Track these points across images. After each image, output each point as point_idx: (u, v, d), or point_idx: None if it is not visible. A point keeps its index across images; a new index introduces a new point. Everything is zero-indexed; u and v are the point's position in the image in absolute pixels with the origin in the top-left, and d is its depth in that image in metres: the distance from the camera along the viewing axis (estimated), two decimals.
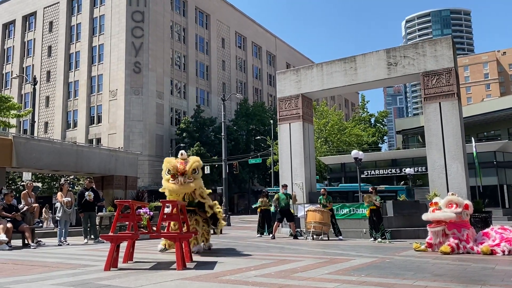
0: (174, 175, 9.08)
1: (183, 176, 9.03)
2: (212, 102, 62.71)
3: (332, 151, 46.89)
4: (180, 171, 9.03)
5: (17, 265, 7.72)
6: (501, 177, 35.45)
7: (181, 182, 8.95)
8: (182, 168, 9.05)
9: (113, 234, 7.59)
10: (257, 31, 74.93)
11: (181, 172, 9.04)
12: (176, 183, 8.99)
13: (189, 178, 9.06)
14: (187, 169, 9.07)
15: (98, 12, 57.07)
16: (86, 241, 13.09)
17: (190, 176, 9.08)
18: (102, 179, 22.23)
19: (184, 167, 9.08)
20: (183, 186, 8.99)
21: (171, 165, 9.13)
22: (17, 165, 18.31)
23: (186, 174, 9.05)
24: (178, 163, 9.19)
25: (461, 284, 5.66)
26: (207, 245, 9.94)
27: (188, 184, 9.02)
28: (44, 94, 59.66)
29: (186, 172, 9.05)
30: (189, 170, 9.08)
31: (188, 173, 9.07)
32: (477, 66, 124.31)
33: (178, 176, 9.01)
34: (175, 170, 9.06)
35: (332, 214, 14.58)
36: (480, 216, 13.86)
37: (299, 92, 18.79)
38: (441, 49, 15.77)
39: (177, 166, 9.09)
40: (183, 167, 9.07)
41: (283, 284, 5.58)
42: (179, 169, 9.04)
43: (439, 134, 15.24)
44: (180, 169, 9.04)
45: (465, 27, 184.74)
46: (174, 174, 9.08)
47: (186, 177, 9.04)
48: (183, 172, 9.03)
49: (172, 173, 9.11)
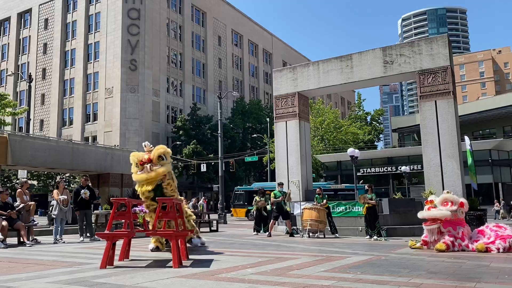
0: (140, 164, 8.77)
1: (150, 163, 8.69)
2: (209, 100, 62.63)
3: (328, 149, 46.96)
4: (144, 161, 8.74)
5: (13, 263, 7.69)
6: (496, 175, 35.65)
7: (147, 169, 8.62)
8: (147, 158, 8.74)
9: (109, 232, 7.57)
10: (253, 29, 74.84)
11: (147, 161, 8.73)
12: (144, 171, 8.66)
13: (155, 165, 8.70)
14: (151, 157, 8.75)
15: (93, 10, 56.83)
16: (82, 239, 13.07)
17: (156, 163, 8.72)
18: (98, 177, 22.18)
19: (149, 157, 8.76)
20: (150, 173, 8.61)
21: (136, 158, 8.88)
22: (13, 163, 18.24)
23: (152, 162, 8.71)
24: (143, 155, 8.89)
25: (456, 281, 5.69)
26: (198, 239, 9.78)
27: (156, 170, 8.65)
28: (39, 91, 59.39)
29: (152, 160, 8.73)
30: (154, 157, 8.74)
31: (154, 160, 8.72)
32: (472, 64, 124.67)
33: (145, 165, 8.68)
34: (139, 160, 8.80)
35: (328, 212, 14.62)
36: (475, 214, 13.95)
37: (295, 90, 18.80)
38: (437, 48, 15.82)
39: (142, 157, 8.80)
40: (148, 157, 8.76)
41: (279, 281, 5.59)
42: (143, 159, 8.75)
43: (435, 132, 15.30)
44: (144, 159, 8.75)
45: (461, 25, 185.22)
46: (140, 163, 8.78)
47: (152, 165, 8.69)
48: (149, 161, 8.71)
49: (138, 166, 8.81)
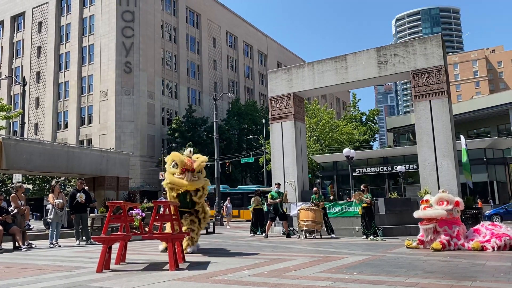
0: (182, 170, 9.07)
1: (191, 173, 9.05)
2: (204, 101, 62.57)
3: (324, 149, 47.02)
4: (187, 167, 9.02)
5: (8, 268, 7.64)
6: (491, 173, 35.82)
7: (190, 178, 8.96)
8: (190, 165, 9.06)
9: (105, 236, 7.54)
10: (248, 31, 74.87)
11: (189, 169, 9.05)
12: (183, 178, 8.98)
13: (194, 176, 9.11)
14: (195, 167, 9.12)
15: (87, 12, 56.66)
16: (78, 242, 13.01)
17: (195, 175, 9.15)
18: (94, 180, 22.07)
19: (192, 165, 9.09)
20: (189, 183, 8.99)
21: (179, 159, 9.13)
22: (7, 167, 18.10)
23: (194, 172, 9.11)
24: (185, 159, 9.19)
25: (453, 280, 5.71)
26: (196, 245, 9.94)
27: (195, 181, 9.09)
28: (34, 95, 59.12)
29: (194, 170, 9.11)
30: (197, 168, 9.15)
31: (196, 171, 9.16)
32: (466, 64, 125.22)
33: (187, 172, 8.98)
34: (183, 165, 9.06)
35: (324, 212, 14.64)
36: (470, 213, 14.01)
37: (290, 91, 18.82)
38: (431, 47, 15.89)
39: (186, 162, 9.08)
40: (191, 164, 9.10)
41: (276, 283, 5.59)
42: (187, 165, 9.02)
43: (430, 132, 15.36)
44: (188, 165, 9.03)
45: (454, 25, 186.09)
46: (182, 169, 9.07)
47: (193, 175, 9.09)
48: (192, 169, 9.05)
49: (179, 168, 9.10)
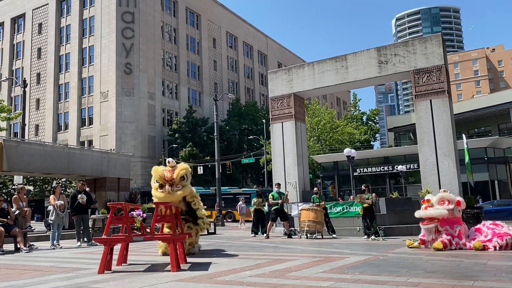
0: (161, 184, 8.93)
1: (171, 185, 8.87)
2: (204, 102, 62.57)
3: (325, 149, 46.98)
4: (167, 179, 8.89)
5: (10, 269, 7.65)
6: (492, 172, 35.79)
7: (168, 190, 8.81)
8: (170, 176, 8.90)
9: (106, 237, 7.55)
10: (248, 31, 74.87)
11: (168, 180, 8.88)
12: (163, 191, 8.84)
13: (176, 186, 8.91)
14: (174, 177, 8.90)
15: (87, 13, 56.68)
16: (79, 244, 13.02)
17: (178, 184, 8.93)
18: (95, 181, 22.07)
19: (171, 175, 8.91)
20: (170, 195, 8.81)
21: (158, 175, 8.99)
22: (8, 169, 18.11)
23: (173, 182, 8.89)
24: (165, 171, 9.02)
25: (454, 280, 5.71)
26: (197, 246, 9.96)
27: (175, 192, 8.87)
28: (34, 96, 59.15)
29: (174, 180, 8.89)
30: (176, 178, 8.92)
31: (176, 181, 8.91)
32: (466, 63, 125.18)
33: (165, 185, 8.87)
34: (162, 179, 8.92)
35: (325, 212, 14.63)
36: (472, 212, 13.99)
37: (291, 91, 18.81)
38: (431, 47, 15.88)
39: (164, 175, 8.95)
40: (171, 175, 8.91)
41: (277, 283, 5.59)
42: (166, 178, 8.89)
43: (431, 131, 15.35)
44: (167, 177, 8.89)
45: (454, 24, 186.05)
46: (161, 183, 8.93)
47: (174, 186, 8.90)
48: (171, 180, 8.88)
49: (159, 183, 8.96)
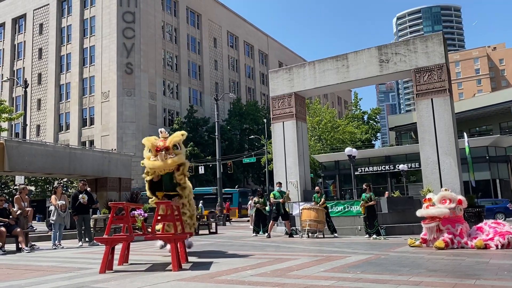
0: (156, 151, 8.46)
1: (166, 151, 8.39)
2: (205, 102, 62.56)
3: (326, 149, 46.96)
4: (160, 148, 8.41)
5: (11, 269, 7.66)
6: (494, 171, 35.74)
7: (162, 157, 8.32)
8: (162, 145, 8.41)
9: (107, 237, 7.55)
10: (249, 30, 74.85)
11: (161, 149, 8.40)
12: (156, 159, 8.36)
13: (170, 154, 8.41)
14: (167, 144, 8.42)
15: (88, 14, 56.71)
16: (81, 244, 13.04)
17: (171, 152, 8.44)
18: (96, 181, 22.10)
19: (164, 144, 8.44)
20: (164, 162, 8.33)
21: (150, 143, 8.55)
22: (9, 169, 18.15)
23: (168, 150, 8.42)
24: (158, 141, 8.59)
25: (456, 278, 5.70)
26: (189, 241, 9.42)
27: (171, 159, 8.37)
28: (35, 96, 59.21)
29: (168, 148, 8.41)
30: (170, 145, 8.43)
31: (170, 148, 8.43)
32: (468, 61, 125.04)
33: (160, 152, 8.37)
34: (154, 149, 8.47)
35: (326, 211, 14.61)
36: (473, 211, 13.97)
37: (291, 90, 18.80)
38: (432, 46, 15.86)
39: (157, 144, 8.49)
40: (163, 144, 8.44)
41: (279, 282, 5.59)
42: (159, 147, 8.43)
43: (432, 130, 15.33)
44: (159, 146, 8.42)
45: (455, 23, 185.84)
46: (155, 150, 8.47)
47: (167, 153, 8.39)
48: (164, 148, 8.40)
49: (152, 151, 8.51)
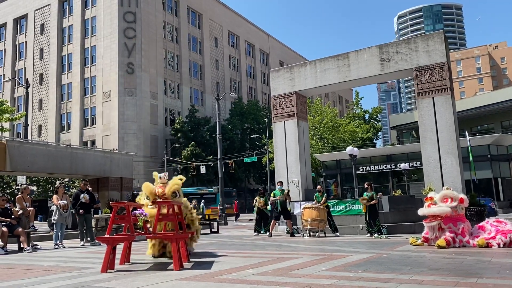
0: (153, 200, 8.48)
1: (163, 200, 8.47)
2: (206, 101, 62.61)
3: (327, 148, 46.93)
4: (158, 195, 8.51)
5: (13, 269, 7.67)
6: (495, 170, 35.65)
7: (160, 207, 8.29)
8: (161, 192, 8.52)
9: (109, 236, 7.55)
10: (249, 30, 74.84)
11: (160, 196, 8.49)
12: (155, 207, 8.27)
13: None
14: (166, 192, 8.52)
15: (89, 14, 56.77)
16: (83, 243, 13.06)
17: (170, 199, 8.46)
18: (97, 181, 22.14)
19: (163, 191, 8.54)
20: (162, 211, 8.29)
21: (148, 191, 8.65)
22: (11, 169, 18.20)
23: (165, 198, 8.46)
24: (157, 187, 8.68)
25: (458, 277, 5.69)
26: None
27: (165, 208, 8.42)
28: (37, 97, 59.32)
29: (166, 196, 8.48)
30: (168, 193, 8.52)
31: (168, 196, 8.48)
32: (469, 60, 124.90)
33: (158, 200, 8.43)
34: (153, 195, 8.54)
35: (328, 210, 14.60)
36: (475, 210, 13.94)
37: (293, 89, 18.79)
38: (434, 44, 15.83)
39: (155, 191, 8.60)
40: (162, 191, 8.55)
41: (280, 281, 5.58)
42: (157, 194, 8.52)
43: (433, 129, 15.31)
44: (158, 193, 8.52)
45: (456, 21, 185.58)
46: (153, 199, 8.49)
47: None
48: (162, 196, 8.49)
49: (151, 199, 8.56)
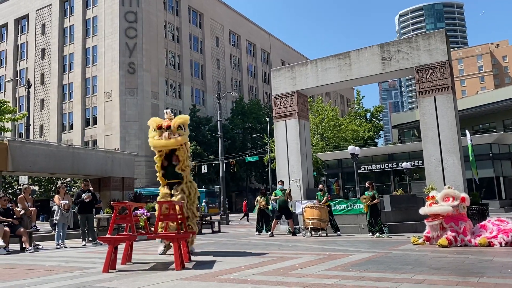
0: (158, 128, 8.94)
1: (168, 130, 8.86)
2: (208, 101, 62.62)
3: (329, 147, 46.91)
4: (164, 127, 8.87)
5: (15, 269, 7.69)
6: (497, 169, 35.57)
7: (165, 136, 8.80)
8: (166, 125, 8.89)
9: (110, 236, 7.57)
10: (251, 29, 74.81)
11: (166, 128, 8.87)
12: (160, 138, 8.84)
13: (173, 134, 8.87)
14: (172, 124, 8.90)
15: (90, 14, 56.78)
16: (84, 243, 13.08)
17: (175, 132, 8.89)
18: (99, 181, 22.16)
19: (169, 124, 8.93)
20: (167, 141, 8.80)
21: (155, 123, 9.01)
22: (13, 169, 18.23)
23: (171, 129, 8.86)
24: (163, 122, 9.06)
25: (459, 276, 5.68)
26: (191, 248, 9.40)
27: (175, 138, 8.83)
28: (38, 97, 59.39)
29: (171, 127, 8.86)
30: (174, 125, 8.90)
31: (173, 129, 8.87)
32: (471, 59, 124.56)
33: (163, 132, 8.85)
34: (158, 124, 8.94)
35: (329, 210, 14.60)
36: (477, 209, 13.92)
37: (294, 89, 18.78)
38: (435, 43, 15.80)
39: (162, 123, 8.96)
40: (168, 124, 8.92)
41: (282, 281, 5.58)
42: (163, 125, 8.89)
43: (435, 128, 15.28)
44: (164, 126, 8.89)
45: (458, 20, 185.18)
46: (157, 127, 8.93)
47: (171, 133, 8.86)
48: (168, 128, 8.86)
49: (156, 132, 8.96)
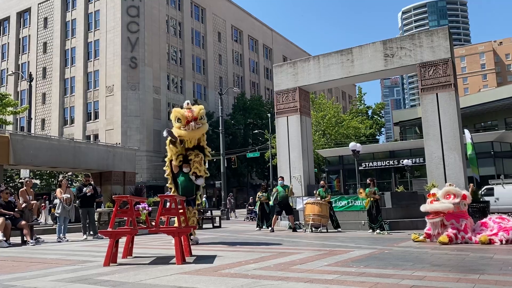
0: (187, 122, 9.79)
1: (195, 121, 9.80)
2: (209, 96, 62.56)
3: (330, 143, 46.89)
4: (190, 118, 9.77)
5: (16, 262, 7.72)
6: (499, 167, 35.55)
7: (193, 127, 9.77)
8: (191, 116, 9.80)
9: (112, 230, 7.58)
10: (253, 25, 74.62)
11: (192, 119, 9.78)
12: (188, 129, 9.76)
13: (198, 123, 9.88)
14: (196, 115, 9.85)
15: (93, 8, 56.69)
16: (85, 237, 13.11)
17: (199, 122, 9.91)
18: (100, 175, 22.17)
19: (193, 114, 9.83)
20: (194, 131, 9.81)
21: (180, 114, 9.88)
22: (15, 163, 18.24)
23: (197, 119, 9.85)
24: (185, 111, 9.92)
25: (460, 273, 5.68)
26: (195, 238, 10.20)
27: (198, 129, 9.90)
28: (40, 90, 59.40)
29: (196, 118, 9.83)
30: (198, 115, 9.89)
31: (198, 117, 9.88)
32: (473, 56, 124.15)
33: (191, 122, 9.75)
34: (185, 118, 9.79)
35: (330, 206, 14.61)
36: (478, 206, 13.91)
37: (296, 85, 18.75)
38: (438, 40, 15.75)
39: (186, 114, 9.83)
40: (192, 114, 9.83)
41: (282, 276, 5.59)
42: (188, 116, 9.77)
43: (437, 125, 15.26)
44: (189, 116, 9.79)
45: (461, 17, 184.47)
46: (186, 121, 9.79)
47: (196, 123, 9.84)
48: (193, 118, 9.78)
49: (183, 121, 9.82)
